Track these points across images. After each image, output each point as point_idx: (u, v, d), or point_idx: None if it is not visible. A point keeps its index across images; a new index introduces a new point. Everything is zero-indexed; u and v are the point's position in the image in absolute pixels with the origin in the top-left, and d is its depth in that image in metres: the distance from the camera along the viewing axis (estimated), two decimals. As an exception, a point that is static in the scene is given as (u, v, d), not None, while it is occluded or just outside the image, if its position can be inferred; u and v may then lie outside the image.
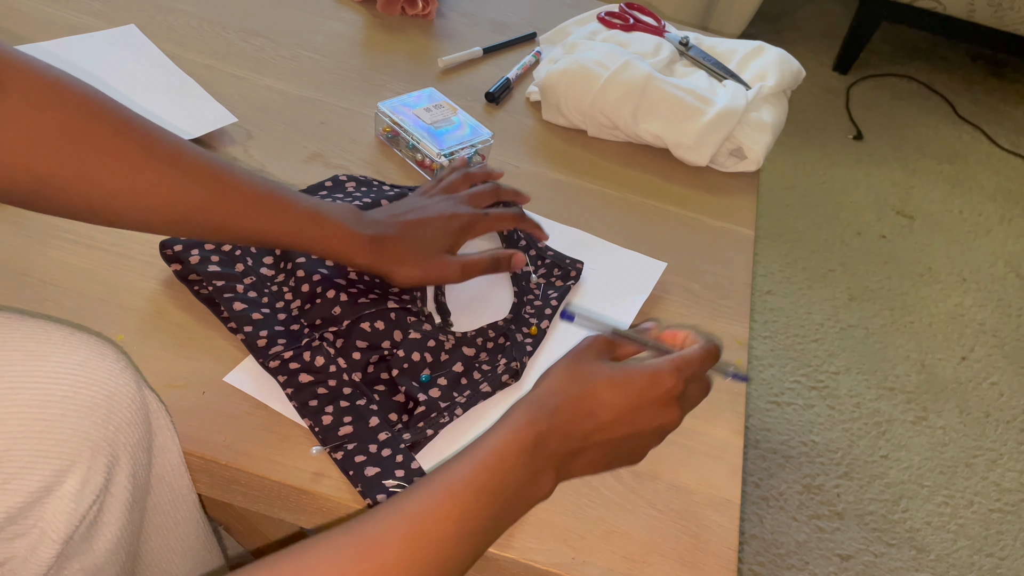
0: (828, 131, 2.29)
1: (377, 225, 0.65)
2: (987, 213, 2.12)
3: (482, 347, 0.69)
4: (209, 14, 1.04)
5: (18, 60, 0.49)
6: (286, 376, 0.63)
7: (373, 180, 0.82)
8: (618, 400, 0.52)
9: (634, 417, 0.52)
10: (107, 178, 0.52)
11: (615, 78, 0.96)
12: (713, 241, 0.90)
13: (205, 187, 0.56)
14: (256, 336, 0.64)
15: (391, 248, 0.65)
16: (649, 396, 0.53)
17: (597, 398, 0.52)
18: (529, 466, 0.49)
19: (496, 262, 0.71)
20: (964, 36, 2.43)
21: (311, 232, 0.61)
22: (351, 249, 0.63)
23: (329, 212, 0.62)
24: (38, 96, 0.49)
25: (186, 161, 0.55)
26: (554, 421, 0.50)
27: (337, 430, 0.61)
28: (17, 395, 0.48)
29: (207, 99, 0.89)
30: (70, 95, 0.51)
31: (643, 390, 0.52)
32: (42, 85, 0.50)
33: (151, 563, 0.63)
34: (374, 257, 0.64)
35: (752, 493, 1.35)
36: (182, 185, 0.55)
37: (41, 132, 0.49)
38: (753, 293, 1.36)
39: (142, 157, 0.53)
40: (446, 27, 1.15)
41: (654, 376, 0.53)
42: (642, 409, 0.52)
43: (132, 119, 0.54)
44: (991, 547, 1.37)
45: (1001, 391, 1.65)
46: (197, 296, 0.69)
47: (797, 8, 2.82)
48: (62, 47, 0.90)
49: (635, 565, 0.59)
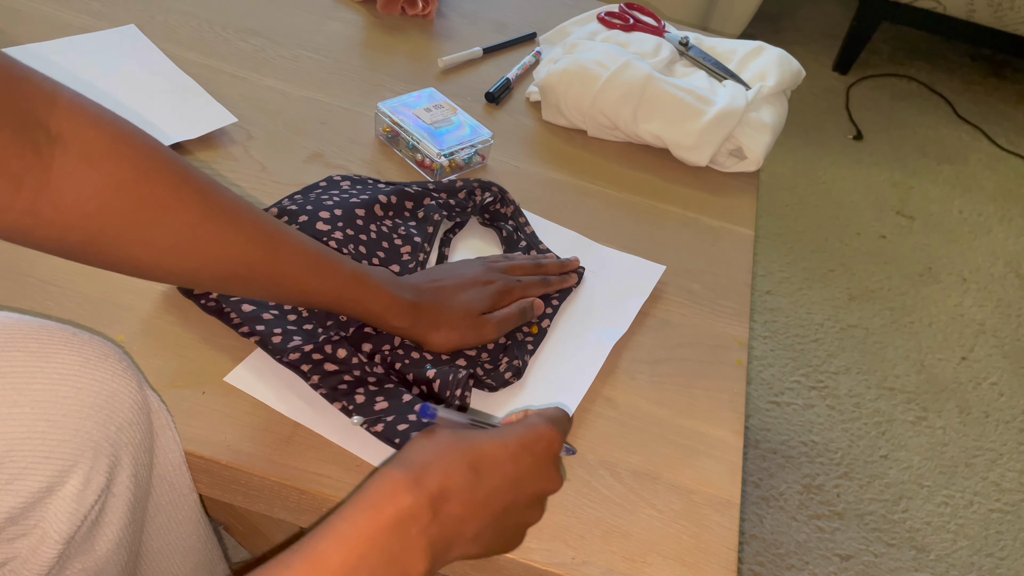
0: (828, 131, 2.30)
1: (416, 291, 0.66)
2: (987, 213, 2.12)
3: (483, 347, 0.70)
4: (209, 14, 1.04)
5: (78, 109, 0.46)
6: (310, 365, 0.63)
7: (368, 178, 0.82)
8: (499, 453, 0.47)
9: (518, 477, 0.48)
10: (161, 237, 0.50)
11: (615, 78, 0.96)
12: (713, 241, 0.90)
13: (259, 247, 0.55)
14: (270, 334, 0.64)
15: (428, 314, 0.66)
16: (533, 449, 0.49)
17: (477, 450, 0.47)
18: (390, 548, 0.41)
19: (523, 313, 0.72)
20: (964, 36, 2.43)
21: (355, 295, 0.61)
22: (390, 313, 0.63)
23: (372, 275, 0.62)
24: (96, 150, 0.46)
25: (242, 220, 0.54)
26: (423, 489, 0.43)
27: (372, 406, 0.61)
28: (19, 395, 0.48)
29: (207, 99, 0.89)
30: (129, 149, 0.48)
31: (526, 443, 0.49)
32: (101, 138, 0.46)
33: (152, 563, 0.63)
34: (412, 322, 0.64)
35: (752, 493, 1.35)
36: (236, 244, 0.53)
37: (96, 189, 0.46)
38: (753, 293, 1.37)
39: (199, 216, 0.51)
40: (446, 27, 1.15)
41: (532, 428, 0.50)
42: (524, 468, 0.48)
43: (191, 175, 0.51)
44: (991, 547, 1.37)
45: (1001, 391, 1.65)
46: (204, 308, 0.68)
47: (797, 8, 2.82)
48: (62, 47, 0.90)
49: (635, 565, 0.59)
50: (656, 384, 0.73)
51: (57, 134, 0.45)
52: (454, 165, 0.88)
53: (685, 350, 0.77)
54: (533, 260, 0.77)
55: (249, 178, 0.82)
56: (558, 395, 0.69)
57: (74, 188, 0.45)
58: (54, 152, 0.45)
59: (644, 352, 0.75)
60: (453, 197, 0.82)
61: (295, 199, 0.77)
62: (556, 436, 0.51)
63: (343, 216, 0.74)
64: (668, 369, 0.74)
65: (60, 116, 0.45)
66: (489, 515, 0.46)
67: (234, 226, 0.53)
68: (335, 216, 0.74)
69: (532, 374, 0.70)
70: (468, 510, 0.45)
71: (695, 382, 0.74)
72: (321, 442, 0.62)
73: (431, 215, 0.79)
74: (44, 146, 0.44)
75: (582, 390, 0.70)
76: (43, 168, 0.44)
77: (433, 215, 0.79)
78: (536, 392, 0.69)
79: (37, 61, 0.87)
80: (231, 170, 0.83)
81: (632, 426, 0.69)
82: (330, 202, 0.75)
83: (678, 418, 0.70)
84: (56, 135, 0.45)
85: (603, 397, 0.70)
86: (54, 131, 0.45)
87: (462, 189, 0.83)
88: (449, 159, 0.87)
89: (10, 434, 0.48)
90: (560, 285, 0.77)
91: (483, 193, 0.83)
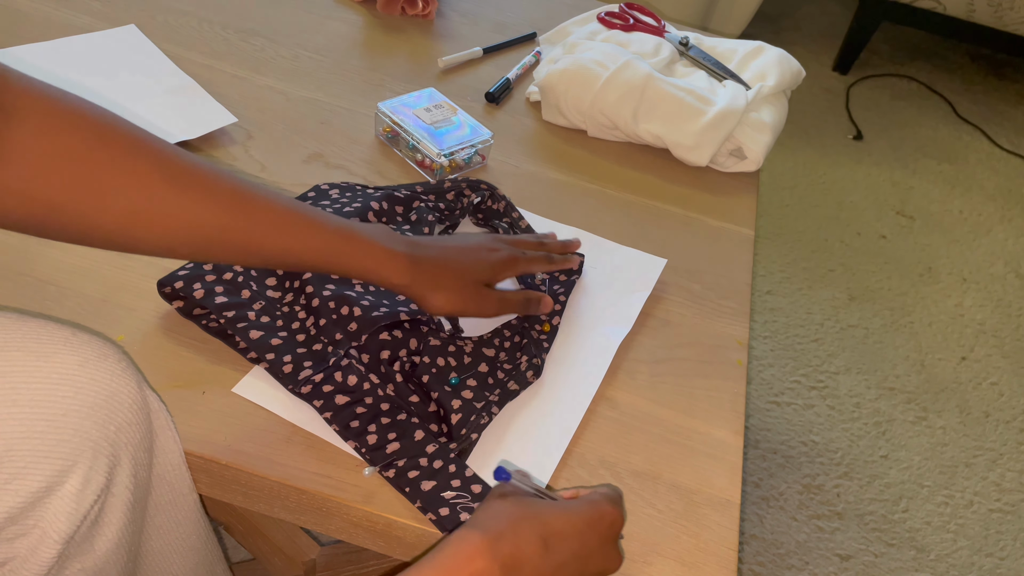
0: (828, 131, 2.29)
1: (414, 245, 0.63)
2: (987, 213, 2.12)
3: (500, 347, 0.70)
4: (209, 14, 1.04)
5: (28, 86, 0.48)
6: (322, 400, 0.62)
7: (356, 185, 0.82)
8: (568, 529, 0.50)
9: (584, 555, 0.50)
10: (122, 202, 0.50)
11: (615, 78, 0.96)
12: (713, 241, 0.90)
13: (228, 208, 0.53)
14: (281, 363, 0.63)
15: (429, 270, 0.62)
16: (598, 529, 0.51)
17: (549, 524, 0.49)
18: None
19: (528, 303, 0.70)
20: (964, 36, 2.43)
21: (344, 249, 0.58)
22: (387, 268, 0.60)
23: (362, 230, 0.60)
24: (48, 122, 0.48)
25: (205, 181, 0.53)
26: (497, 556, 0.47)
27: (384, 448, 0.60)
28: (18, 395, 0.48)
29: (207, 99, 0.89)
30: (81, 119, 0.49)
31: (592, 522, 0.51)
32: (53, 111, 0.48)
33: (152, 563, 0.63)
34: (412, 278, 0.61)
35: (752, 493, 1.35)
36: (203, 205, 0.52)
37: (52, 158, 0.48)
38: (753, 293, 1.37)
39: (157, 178, 0.51)
40: (446, 27, 1.15)
41: (597, 507, 0.52)
42: (590, 546, 0.51)
43: (146, 139, 0.51)
44: (991, 547, 1.37)
45: (1001, 391, 1.65)
46: (206, 329, 0.67)
47: (797, 8, 2.82)
48: (62, 47, 0.90)
49: (635, 565, 0.59)
50: (656, 384, 0.73)
51: (11, 108, 0.47)
52: (454, 165, 0.88)
53: (685, 350, 0.77)
54: (536, 238, 0.76)
55: (249, 178, 0.82)
56: (571, 395, 0.69)
57: (33, 157, 0.47)
58: (10, 124, 0.46)
59: (644, 352, 0.75)
60: (442, 199, 0.82)
61: None
62: (619, 518, 0.53)
63: None
64: (668, 369, 0.74)
65: (12, 93, 0.47)
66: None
67: (199, 190, 0.52)
68: None
69: (549, 371, 0.71)
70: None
71: (695, 382, 0.74)
72: (321, 442, 0.62)
73: (425, 216, 0.79)
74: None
75: (592, 390, 0.70)
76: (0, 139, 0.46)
77: (427, 216, 0.79)
78: (550, 392, 0.69)
79: (37, 61, 0.87)
80: (231, 170, 0.83)
81: (632, 426, 0.69)
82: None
83: (678, 418, 0.70)
84: (10, 109, 0.47)
85: (603, 397, 0.70)
86: (7, 106, 0.46)
87: (451, 190, 0.82)
88: (449, 159, 0.87)
89: (9, 434, 0.48)
90: (563, 264, 0.75)
91: (472, 193, 0.83)
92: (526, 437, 0.65)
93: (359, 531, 0.61)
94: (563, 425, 0.67)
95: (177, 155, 0.52)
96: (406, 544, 0.60)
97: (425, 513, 0.58)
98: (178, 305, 0.67)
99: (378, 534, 0.60)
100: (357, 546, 0.75)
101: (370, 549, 0.62)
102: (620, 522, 0.53)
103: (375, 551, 0.63)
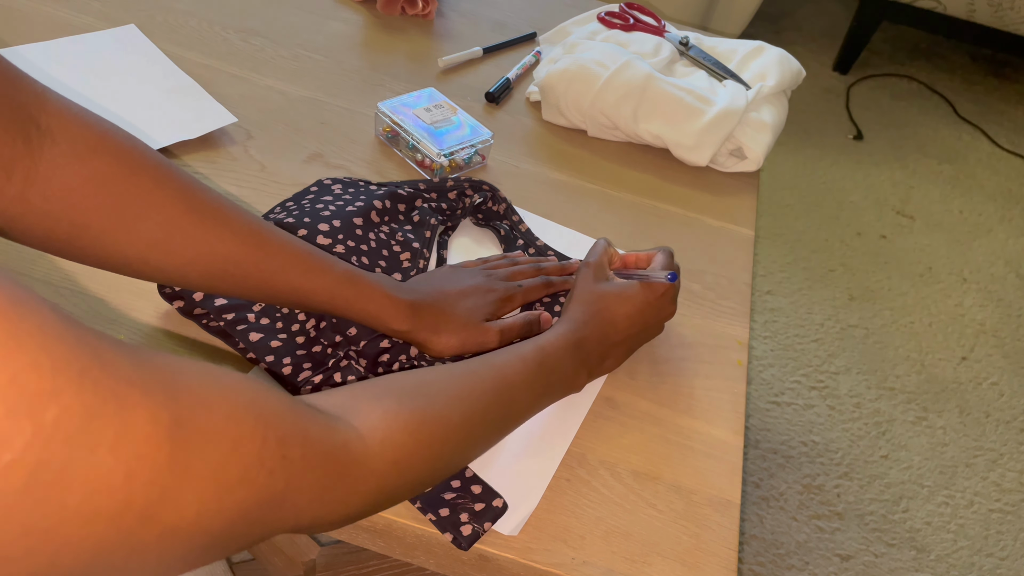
0: (828, 131, 2.30)
1: (415, 292, 0.65)
2: (987, 213, 2.12)
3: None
4: (209, 14, 1.04)
5: (64, 109, 0.49)
6: None
7: (360, 181, 0.82)
8: (629, 310, 0.68)
9: (643, 318, 0.69)
10: (144, 229, 0.52)
11: (615, 78, 0.96)
12: (713, 241, 0.90)
13: (244, 243, 0.56)
14: (280, 364, 0.63)
15: (430, 316, 0.65)
16: (651, 301, 0.69)
17: (612, 312, 0.67)
18: (572, 360, 0.63)
19: (529, 325, 0.72)
20: (964, 36, 2.43)
21: (348, 294, 0.61)
22: (388, 313, 0.63)
23: (366, 276, 0.62)
24: (80, 146, 0.49)
25: (226, 215, 0.55)
26: (585, 332, 0.65)
27: None
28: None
29: (207, 99, 0.89)
30: (111, 145, 0.51)
31: (646, 297, 0.68)
32: (85, 135, 0.49)
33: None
34: (412, 324, 0.64)
35: (752, 493, 1.35)
36: (220, 238, 0.55)
37: (80, 181, 0.49)
38: (753, 293, 1.36)
39: (182, 208, 0.53)
40: (446, 27, 1.15)
41: (649, 285, 0.69)
42: (647, 312, 0.69)
43: (172, 170, 0.53)
44: (991, 547, 1.37)
45: (1001, 391, 1.65)
46: (206, 329, 0.67)
47: (797, 8, 2.82)
48: (62, 47, 0.90)
49: (635, 565, 0.59)
50: (656, 384, 0.73)
51: (47, 129, 0.48)
52: (454, 165, 0.88)
53: (685, 350, 0.77)
54: (534, 263, 0.77)
55: (249, 178, 0.82)
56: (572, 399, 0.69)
57: (62, 179, 0.48)
58: (43, 145, 0.48)
59: (644, 352, 0.75)
60: (444, 198, 0.81)
61: (288, 207, 0.76)
62: (670, 289, 0.70)
63: (342, 228, 0.73)
64: (668, 369, 0.74)
65: (49, 114, 0.48)
66: (624, 343, 0.69)
67: (219, 222, 0.55)
68: (335, 228, 0.73)
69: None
70: (607, 345, 0.67)
71: (695, 382, 0.74)
72: (321, 442, 0.62)
73: (427, 219, 0.78)
74: (34, 139, 0.47)
75: (592, 391, 0.70)
76: (33, 158, 0.47)
77: (429, 219, 0.78)
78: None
79: (37, 61, 0.87)
80: (231, 170, 0.83)
81: (632, 426, 0.69)
82: (326, 212, 0.74)
83: (678, 418, 0.70)
84: (45, 130, 0.48)
85: (603, 397, 0.70)
86: (43, 126, 0.48)
87: (453, 189, 0.82)
88: (449, 159, 0.87)
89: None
90: (562, 286, 0.77)
91: (473, 193, 0.83)
92: (526, 437, 0.65)
93: (359, 531, 0.61)
94: (563, 426, 0.67)
95: (200, 188, 0.55)
96: (406, 544, 0.60)
97: (425, 513, 0.58)
98: (178, 305, 0.67)
99: (378, 534, 0.60)
100: (357, 546, 0.75)
101: (370, 549, 0.62)
102: (672, 291, 0.70)
103: (375, 551, 0.63)
